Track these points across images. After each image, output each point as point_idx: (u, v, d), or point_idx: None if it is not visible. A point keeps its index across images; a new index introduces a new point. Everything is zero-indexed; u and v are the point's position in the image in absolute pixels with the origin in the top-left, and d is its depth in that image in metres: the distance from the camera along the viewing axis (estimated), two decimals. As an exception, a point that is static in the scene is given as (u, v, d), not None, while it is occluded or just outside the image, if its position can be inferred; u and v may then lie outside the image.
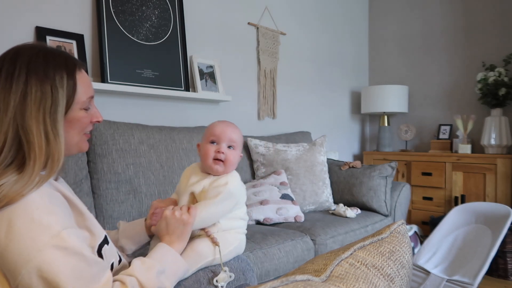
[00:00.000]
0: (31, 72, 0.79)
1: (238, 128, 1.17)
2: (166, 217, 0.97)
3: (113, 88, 1.97)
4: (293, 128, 3.14)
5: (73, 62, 0.86)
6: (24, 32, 1.81)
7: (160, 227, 0.98)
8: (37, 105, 0.78)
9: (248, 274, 1.11)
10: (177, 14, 2.32)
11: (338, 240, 1.95)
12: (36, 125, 0.78)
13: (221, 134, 1.11)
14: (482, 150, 3.08)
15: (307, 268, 0.49)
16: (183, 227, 0.97)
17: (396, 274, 0.50)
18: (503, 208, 1.90)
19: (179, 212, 0.97)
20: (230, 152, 1.10)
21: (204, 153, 1.10)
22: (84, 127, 0.88)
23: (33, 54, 0.81)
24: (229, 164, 1.09)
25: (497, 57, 3.07)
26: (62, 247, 0.72)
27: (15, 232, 0.71)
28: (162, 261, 0.88)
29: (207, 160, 1.09)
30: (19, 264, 0.70)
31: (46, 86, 0.79)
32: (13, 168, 0.77)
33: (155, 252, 0.91)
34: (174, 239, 0.96)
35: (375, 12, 3.84)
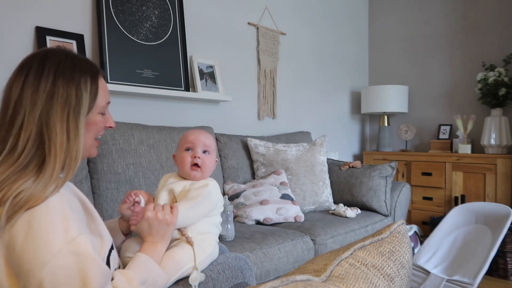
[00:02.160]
0: (59, 73, 0.83)
1: (210, 135, 1.19)
2: (149, 219, 0.95)
3: (113, 88, 1.97)
4: (293, 128, 3.14)
5: (96, 68, 0.90)
6: (24, 32, 1.81)
7: (142, 228, 0.96)
8: (63, 105, 0.82)
9: (247, 273, 1.11)
10: (177, 14, 2.32)
11: (338, 240, 1.95)
12: (60, 124, 0.81)
13: (195, 140, 1.13)
14: (482, 150, 3.08)
15: (307, 268, 0.49)
16: (166, 227, 0.96)
17: (396, 274, 0.50)
18: (503, 208, 1.89)
19: (161, 213, 0.96)
20: (206, 156, 1.12)
21: (181, 160, 1.12)
22: (99, 131, 0.93)
23: (62, 58, 0.86)
24: (206, 168, 1.12)
25: (497, 57, 3.07)
26: (77, 253, 0.73)
27: (33, 235, 0.72)
28: (142, 272, 0.88)
29: (184, 167, 1.11)
30: (33, 266, 0.71)
31: (72, 88, 0.83)
32: (33, 170, 0.78)
33: (135, 263, 0.90)
34: (158, 240, 0.96)
35: (375, 12, 3.84)
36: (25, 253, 0.71)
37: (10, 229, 0.73)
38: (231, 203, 2.09)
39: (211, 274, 1.04)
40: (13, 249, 0.72)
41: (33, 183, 0.76)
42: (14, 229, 0.73)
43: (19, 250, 0.72)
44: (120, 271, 0.86)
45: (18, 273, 0.72)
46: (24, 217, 0.73)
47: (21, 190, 0.74)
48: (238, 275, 1.08)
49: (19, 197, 0.73)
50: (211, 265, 1.06)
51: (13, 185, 0.74)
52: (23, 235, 0.72)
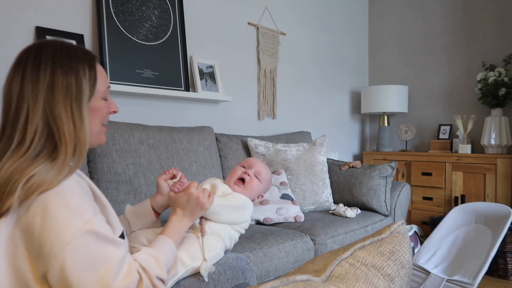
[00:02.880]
0: (56, 64, 0.84)
1: (269, 171, 1.28)
2: (191, 194, 1.00)
3: (113, 88, 1.97)
4: (293, 128, 3.14)
5: (92, 55, 0.92)
6: (24, 32, 1.81)
7: (179, 199, 1.01)
8: (64, 94, 0.83)
9: (248, 274, 1.11)
10: (177, 14, 2.32)
11: (338, 240, 1.95)
12: (64, 113, 0.83)
13: (253, 164, 1.23)
14: (482, 150, 3.08)
15: (307, 268, 0.49)
16: (199, 209, 1.01)
17: (396, 274, 0.50)
18: (503, 208, 1.89)
19: (202, 195, 1.01)
20: (254, 179, 1.20)
21: (232, 172, 1.21)
22: (104, 116, 0.94)
23: (57, 48, 0.87)
24: (249, 187, 1.19)
25: (497, 57, 3.07)
26: (94, 231, 0.76)
27: (51, 217, 0.74)
28: (164, 253, 0.92)
29: (232, 177, 1.20)
30: (55, 247, 0.73)
31: (71, 76, 0.85)
32: (43, 157, 0.80)
33: (159, 243, 0.94)
34: (187, 215, 1.01)
35: (375, 12, 3.84)
36: (45, 235, 0.73)
37: (25, 213, 0.75)
38: (231, 203, 2.09)
39: (212, 274, 1.04)
40: (32, 233, 0.74)
41: (44, 168, 0.78)
42: (31, 213, 0.75)
43: (38, 233, 0.74)
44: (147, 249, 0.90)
45: (38, 256, 0.74)
46: (39, 201, 0.75)
47: (33, 174, 0.76)
48: (239, 276, 1.08)
49: (31, 182, 0.75)
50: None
51: (23, 171, 0.76)
52: (41, 218, 0.74)
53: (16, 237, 0.75)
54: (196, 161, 2.10)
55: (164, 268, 0.88)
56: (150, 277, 0.84)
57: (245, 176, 1.18)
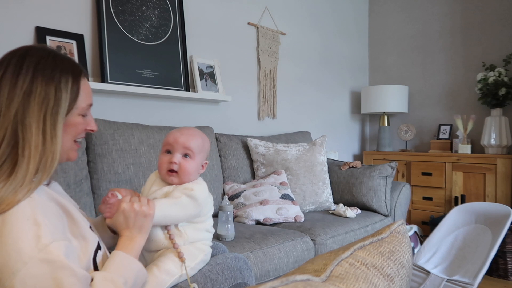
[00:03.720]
0: (38, 71, 0.80)
1: (196, 134, 1.07)
2: (124, 210, 0.89)
3: (113, 88, 1.97)
4: (293, 128, 3.14)
5: (79, 69, 0.87)
6: (24, 32, 1.81)
7: (118, 221, 0.90)
8: (40, 104, 0.79)
9: (246, 273, 1.11)
10: (177, 14, 2.32)
11: (338, 240, 1.95)
12: (36, 124, 0.78)
13: (174, 143, 1.03)
14: (482, 150, 3.08)
15: (307, 268, 0.49)
16: (144, 219, 0.90)
17: (396, 274, 0.50)
18: (503, 208, 1.89)
19: (138, 204, 0.90)
20: (185, 161, 1.03)
21: (159, 165, 1.05)
22: (78, 133, 0.89)
23: (43, 55, 0.83)
24: (185, 174, 1.02)
25: (497, 57, 3.07)
26: (50, 260, 0.70)
27: (3, 243, 0.69)
28: (121, 272, 0.83)
29: (160, 171, 1.04)
30: (4, 275, 0.68)
31: (50, 87, 0.80)
32: (3, 173, 0.75)
33: (112, 263, 0.84)
34: (135, 233, 0.90)
35: (376, 12, 3.84)
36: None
37: None
38: (231, 203, 2.09)
39: (210, 274, 1.03)
40: None
41: (2, 187, 0.73)
42: None
43: None
44: (100, 274, 0.81)
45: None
46: None
47: None
48: (237, 276, 1.07)
49: None
50: (209, 266, 1.06)
51: None
52: None
53: None
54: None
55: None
56: None
57: (173, 166, 1.01)
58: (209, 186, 2.14)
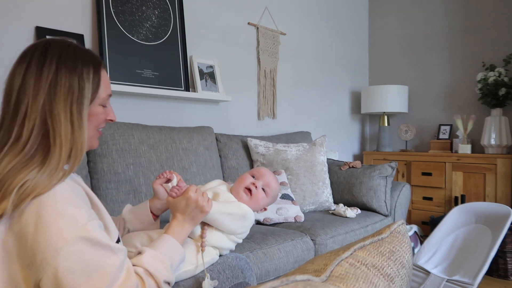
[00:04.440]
0: (61, 63, 0.83)
1: (278, 185, 1.25)
2: (190, 198, 0.97)
3: (113, 88, 1.97)
4: (293, 128, 3.14)
5: (98, 60, 0.90)
6: (24, 32, 1.81)
7: (178, 204, 0.98)
8: (66, 95, 0.82)
9: (247, 273, 1.11)
10: (177, 14, 2.32)
11: (338, 240, 1.95)
12: (64, 114, 0.81)
13: (264, 176, 1.21)
14: (482, 150, 3.08)
15: (307, 268, 0.49)
16: (199, 213, 0.99)
17: (396, 274, 0.50)
18: (503, 208, 1.89)
19: (202, 199, 0.98)
20: (261, 191, 1.17)
21: (241, 179, 1.18)
22: (100, 123, 0.92)
23: (64, 47, 0.85)
24: (255, 200, 1.15)
25: (497, 57, 3.07)
26: (88, 238, 0.74)
27: (44, 224, 0.73)
28: (170, 254, 0.90)
29: (239, 185, 1.17)
30: (47, 254, 0.72)
31: (74, 77, 0.83)
32: (38, 159, 0.78)
33: (163, 245, 0.92)
34: (187, 220, 0.98)
35: (376, 12, 3.84)
36: (37, 243, 0.72)
37: (19, 219, 0.74)
38: (231, 203, 2.09)
39: (211, 274, 1.04)
40: (25, 240, 0.73)
41: (37, 173, 0.76)
42: (24, 220, 0.73)
43: (31, 241, 0.72)
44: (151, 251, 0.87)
45: (31, 264, 0.73)
46: (32, 207, 0.74)
47: (27, 180, 0.74)
48: (239, 275, 1.08)
49: (25, 186, 0.73)
50: (211, 265, 1.06)
51: (18, 175, 0.75)
52: (33, 225, 0.73)
53: (9, 244, 0.74)
54: (196, 161, 2.10)
55: (170, 271, 0.87)
56: (158, 282, 0.82)
57: (252, 187, 1.16)
58: (209, 186, 2.15)
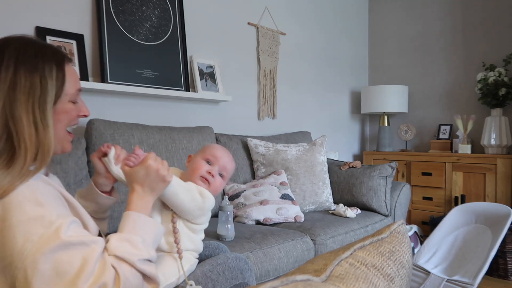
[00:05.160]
0: (20, 62, 0.79)
1: (234, 162, 1.16)
2: (149, 166, 0.88)
3: (113, 88, 1.97)
4: (293, 128, 3.14)
5: (62, 55, 0.86)
6: (24, 32, 1.80)
7: (136, 174, 0.89)
8: (26, 95, 0.78)
9: (246, 274, 1.11)
10: (177, 14, 2.32)
11: (338, 240, 1.95)
12: (26, 115, 0.77)
13: (220, 159, 1.10)
14: (482, 150, 3.08)
15: (307, 268, 0.49)
16: (161, 183, 0.90)
17: (396, 274, 0.50)
18: (503, 208, 1.89)
19: (162, 167, 0.90)
20: (218, 178, 1.09)
21: (195, 167, 1.08)
22: (72, 119, 0.88)
23: (22, 45, 0.82)
24: (214, 188, 1.08)
25: (497, 57, 3.07)
26: (58, 236, 0.71)
27: (8, 227, 0.70)
28: (137, 231, 0.83)
29: (195, 175, 1.07)
30: (15, 258, 0.69)
31: (35, 76, 0.79)
32: (1, 163, 0.75)
33: (126, 224, 0.84)
34: (147, 191, 0.89)
35: (375, 12, 3.84)
36: (5, 247, 0.70)
37: None
38: (231, 203, 2.09)
39: (210, 275, 1.03)
40: None
41: (3, 176, 0.73)
42: None
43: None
44: (115, 235, 0.80)
45: (3, 268, 0.71)
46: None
47: None
48: (238, 276, 1.08)
49: None
50: (210, 266, 1.06)
51: None
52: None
53: None
54: (196, 161, 2.10)
55: (143, 248, 0.80)
56: (132, 264, 0.77)
57: (209, 176, 1.07)
58: (209, 186, 2.15)
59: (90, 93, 1.99)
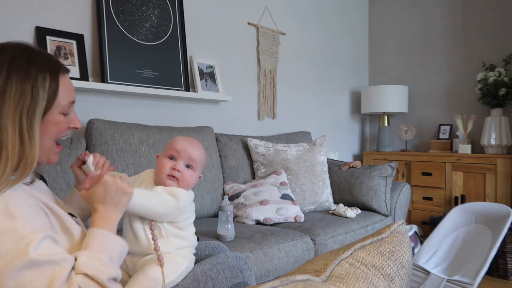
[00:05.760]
0: (13, 69, 0.77)
1: (201, 148, 1.09)
2: (106, 182, 0.84)
3: (113, 88, 1.97)
4: (293, 128, 3.14)
5: (57, 65, 0.84)
6: (24, 32, 1.81)
7: (95, 194, 0.85)
8: (15, 104, 0.76)
9: (246, 273, 1.11)
10: (177, 14, 2.32)
11: (338, 240, 1.95)
12: (11, 124, 0.75)
13: (181, 151, 1.04)
14: (482, 150, 3.08)
15: (307, 268, 0.49)
16: (123, 196, 0.86)
17: (396, 274, 0.50)
18: (503, 208, 1.90)
19: (120, 180, 0.86)
20: (187, 171, 1.04)
21: (160, 167, 1.04)
22: (61, 132, 0.86)
23: (17, 53, 0.80)
24: (184, 183, 1.03)
25: (497, 57, 3.07)
26: (25, 254, 0.68)
27: None
28: (104, 249, 0.80)
29: (161, 175, 1.03)
30: None
31: (26, 85, 0.77)
32: None
33: (93, 241, 0.81)
34: (111, 210, 0.85)
35: (375, 12, 3.85)
36: None
37: None
38: (231, 203, 2.09)
39: (210, 273, 1.04)
40: None
41: None
42: None
43: None
44: (83, 253, 0.78)
45: None
46: None
47: None
48: (238, 275, 1.08)
49: None
50: (211, 265, 1.06)
51: None
52: None
53: None
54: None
55: (111, 266, 0.78)
56: (102, 283, 0.74)
57: (175, 173, 1.01)
58: (209, 186, 2.15)
59: (90, 93, 1.99)
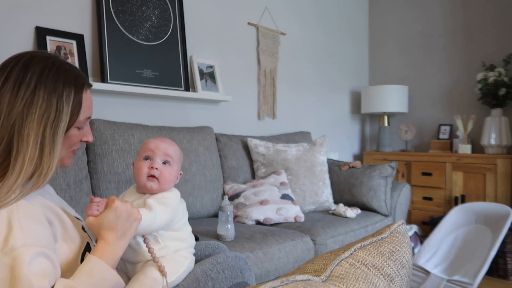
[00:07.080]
0: (41, 82, 0.78)
1: (174, 144, 1.08)
2: (117, 208, 0.82)
3: (113, 88, 1.97)
4: (293, 128, 3.14)
5: (82, 81, 0.85)
6: (24, 32, 1.81)
7: (105, 220, 0.82)
8: (40, 117, 0.77)
9: (246, 273, 1.11)
10: (177, 14, 2.32)
11: (338, 240, 1.95)
12: (34, 136, 0.77)
13: (155, 149, 1.03)
14: (482, 150, 3.08)
15: (307, 268, 0.49)
16: (133, 222, 0.85)
17: (396, 274, 0.50)
18: (503, 208, 1.90)
19: (131, 205, 0.85)
20: (165, 168, 1.03)
21: (137, 171, 1.03)
22: (73, 144, 0.87)
23: (47, 65, 0.81)
24: (164, 181, 1.02)
25: (497, 57, 3.07)
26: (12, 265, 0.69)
27: None
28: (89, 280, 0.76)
29: (140, 178, 1.02)
30: None
31: (53, 99, 0.79)
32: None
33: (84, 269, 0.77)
34: (120, 236, 0.83)
35: (375, 12, 3.84)
36: None
37: None
38: (231, 203, 2.09)
39: (210, 273, 1.04)
40: None
41: None
42: None
43: None
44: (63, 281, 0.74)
45: None
46: None
47: None
48: (238, 275, 1.08)
49: None
50: (211, 265, 1.06)
51: None
52: None
53: None
54: (196, 161, 2.10)
55: None
56: None
57: (154, 172, 1.01)
58: (209, 186, 2.15)
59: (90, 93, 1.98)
